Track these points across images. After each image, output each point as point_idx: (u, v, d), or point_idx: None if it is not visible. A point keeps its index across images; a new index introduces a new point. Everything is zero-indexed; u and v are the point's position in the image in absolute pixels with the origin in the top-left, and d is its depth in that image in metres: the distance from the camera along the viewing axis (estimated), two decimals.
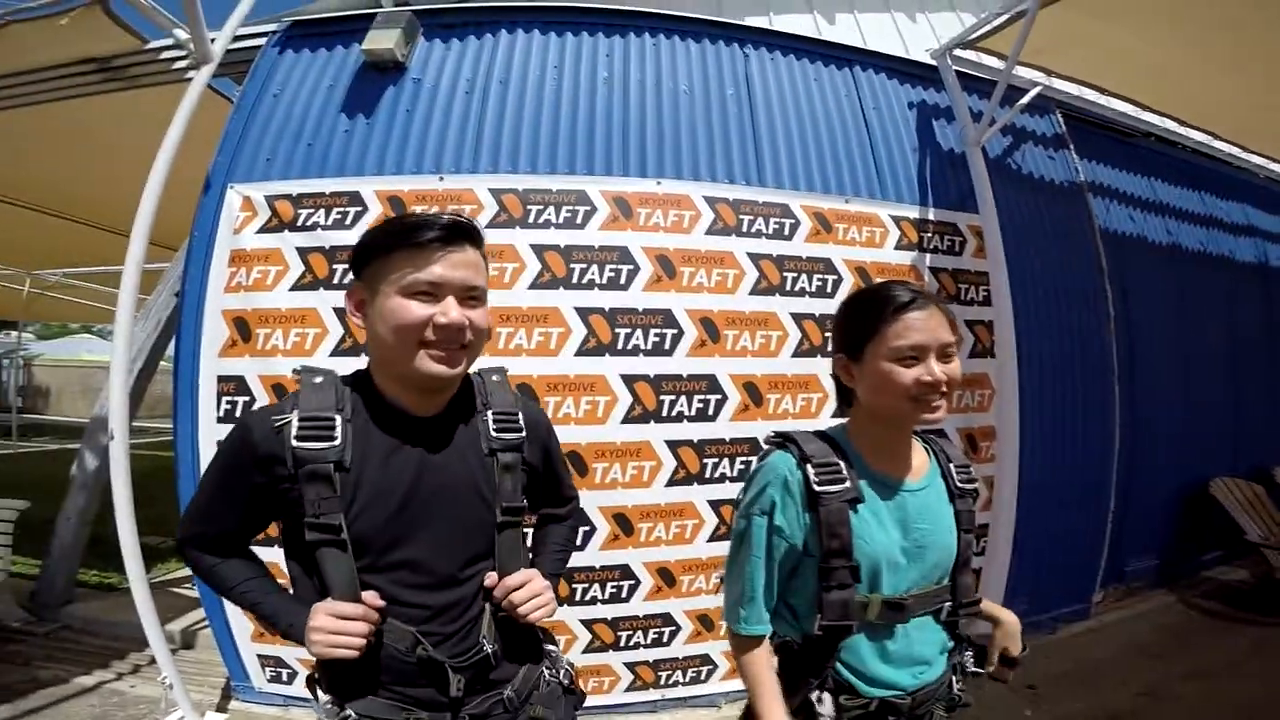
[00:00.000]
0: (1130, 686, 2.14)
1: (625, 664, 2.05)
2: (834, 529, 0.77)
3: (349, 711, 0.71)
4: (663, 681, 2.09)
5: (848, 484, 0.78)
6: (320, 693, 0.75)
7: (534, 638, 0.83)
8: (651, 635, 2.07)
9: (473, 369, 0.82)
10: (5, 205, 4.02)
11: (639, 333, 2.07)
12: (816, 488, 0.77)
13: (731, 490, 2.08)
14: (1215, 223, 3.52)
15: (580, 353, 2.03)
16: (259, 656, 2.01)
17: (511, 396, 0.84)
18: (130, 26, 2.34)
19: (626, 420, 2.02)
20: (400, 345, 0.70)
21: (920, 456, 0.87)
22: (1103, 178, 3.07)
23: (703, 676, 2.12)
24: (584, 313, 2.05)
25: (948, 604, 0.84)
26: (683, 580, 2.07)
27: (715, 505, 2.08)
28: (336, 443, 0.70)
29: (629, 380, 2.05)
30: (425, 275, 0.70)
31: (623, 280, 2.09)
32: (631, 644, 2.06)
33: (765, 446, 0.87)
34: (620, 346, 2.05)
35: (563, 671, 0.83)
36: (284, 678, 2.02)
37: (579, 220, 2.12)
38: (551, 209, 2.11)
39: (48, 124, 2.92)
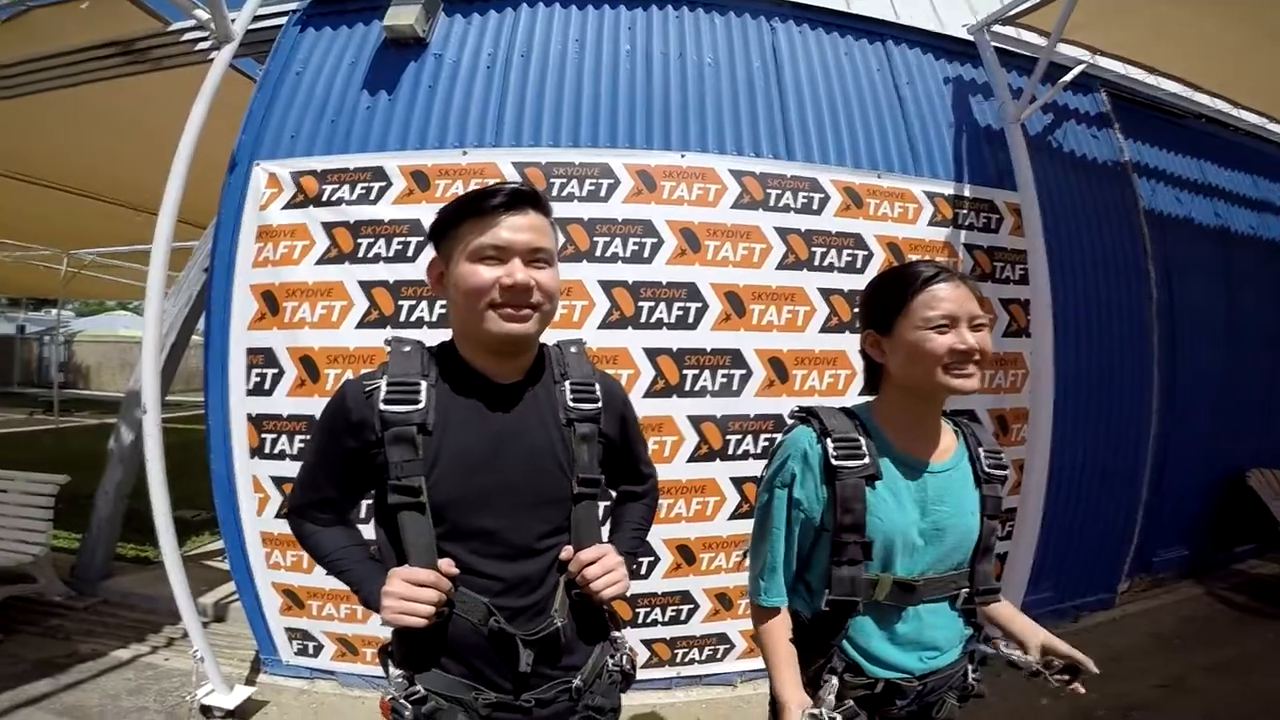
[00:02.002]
0: (1149, 678, 2.10)
1: (642, 640, 2.05)
2: (848, 504, 0.77)
3: (418, 687, 0.71)
4: (679, 659, 2.09)
5: (866, 460, 0.78)
6: (391, 666, 0.75)
7: (602, 619, 0.83)
8: (670, 612, 2.07)
9: (550, 340, 0.83)
10: (42, 188, 4.15)
11: (662, 306, 2.04)
12: (834, 462, 0.78)
13: (755, 467, 2.06)
14: (1268, 207, 3.35)
15: (603, 325, 2.01)
16: (287, 630, 2.06)
17: (589, 367, 0.84)
18: (150, 8, 2.37)
19: (649, 394, 2.00)
20: (471, 308, 0.72)
21: (948, 438, 0.85)
22: (1149, 158, 2.94)
23: (719, 655, 2.11)
24: (607, 285, 2.03)
25: (964, 590, 0.82)
26: (702, 558, 2.06)
27: (738, 482, 2.06)
28: (420, 405, 0.72)
29: (652, 354, 2.02)
30: (489, 239, 0.71)
31: (646, 253, 2.06)
32: (649, 621, 2.06)
33: (790, 421, 0.88)
34: (643, 320, 2.03)
35: (625, 658, 0.83)
36: (310, 650, 2.07)
37: (602, 193, 2.09)
38: (575, 182, 2.09)
39: (78, 108, 2.99)
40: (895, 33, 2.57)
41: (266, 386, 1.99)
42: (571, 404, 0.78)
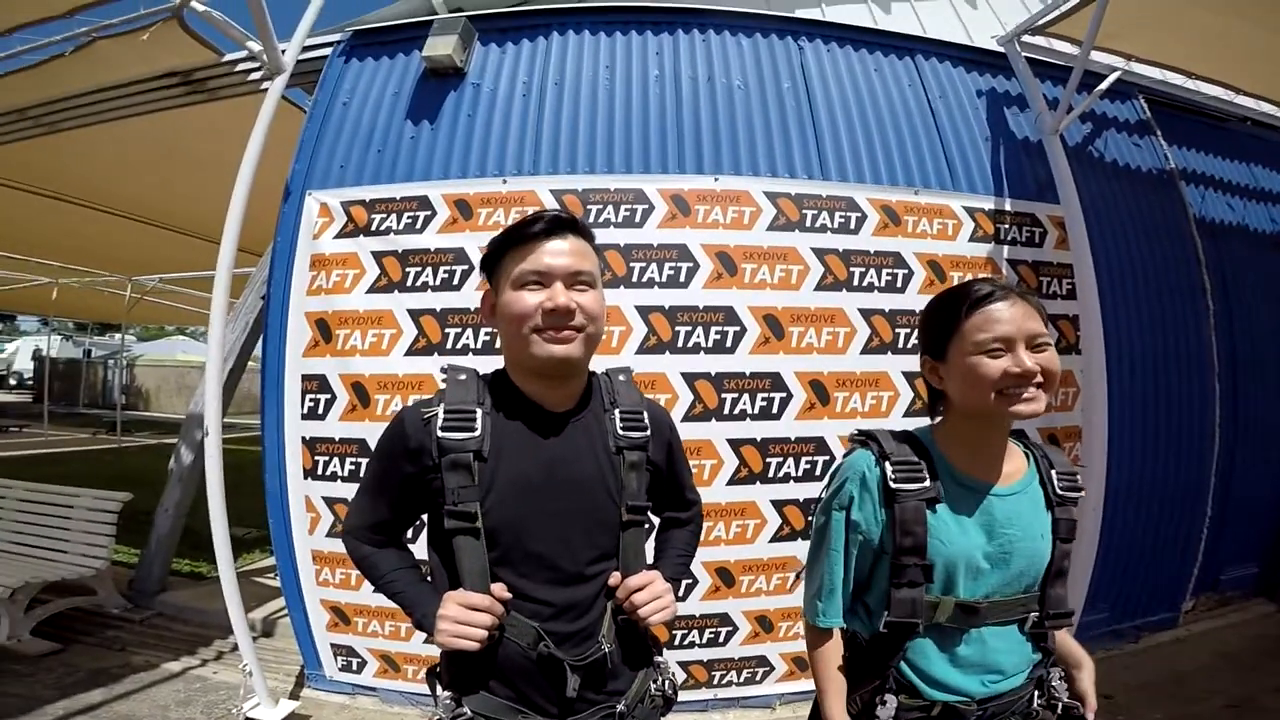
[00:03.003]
0: (1217, 698, 2.01)
1: (678, 662, 2.05)
2: (908, 526, 0.76)
3: (465, 709, 0.72)
4: (715, 681, 2.07)
5: (926, 483, 0.77)
6: (439, 688, 0.77)
7: (646, 644, 0.84)
8: (707, 635, 2.06)
9: (598, 369, 0.85)
10: (108, 215, 4.39)
11: (699, 330, 2.05)
12: (893, 484, 0.77)
13: (796, 490, 2.04)
14: None
15: (640, 351, 2.03)
16: (332, 645, 2.11)
17: (637, 395, 0.86)
18: (206, 40, 2.49)
19: (687, 419, 2.01)
20: (516, 334, 0.74)
21: (1017, 461, 0.83)
22: (1196, 164, 2.86)
23: (758, 678, 2.09)
24: (644, 311, 2.05)
25: (1034, 614, 0.80)
26: (742, 580, 2.05)
27: (778, 505, 2.04)
28: (476, 433, 0.74)
29: (690, 378, 2.03)
30: (530, 265, 0.74)
31: (682, 278, 2.08)
32: (686, 643, 2.05)
33: (849, 445, 0.87)
34: (681, 344, 2.04)
35: (667, 683, 0.84)
36: (354, 667, 2.11)
37: (637, 219, 2.12)
38: (610, 208, 2.12)
39: (141, 138, 3.16)
40: (924, 47, 2.56)
41: (320, 411, 2.06)
42: (621, 432, 0.80)
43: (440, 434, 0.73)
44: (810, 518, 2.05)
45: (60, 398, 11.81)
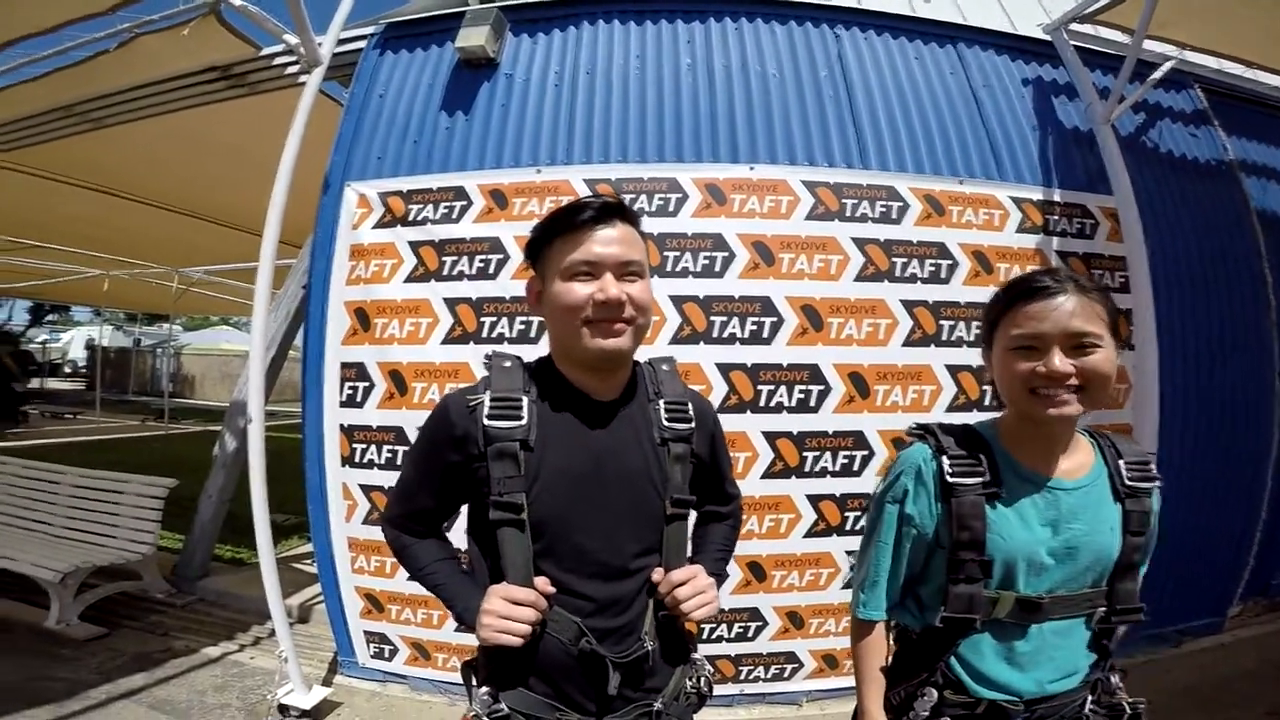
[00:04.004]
0: (1258, 706, 1.94)
1: (705, 657, 2.03)
2: (965, 521, 0.74)
3: (502, 705, 0.71)
4: (743, 677, 2.05)
5: (985, 477, 0.75)
6: (475, 681, 0.76)
7: (684, 641, 0.82)
8: (736, 629, 2.04)
9: (641, 359, 0.83)
10: (154, 208, 4.53)
11: (735, 321, 2.02)
12: (950, 479, 0.75)
13: (833, 485, 2.01)
14: None
15: (674, 341, 2.01)
16: (366, 633, 2.14)
17: (681, 386, 0.84)
18: (244, 34, 2.54)
19: (721, 410, 1.95)
20: (567, 326, 0.72)
21: (1083, 453, 0.79)
22: (1256, 155, 2.73)
23: (786, 674, 2.06)
24: (678, 301, 2.03)
25: (1101, 609, 0.77)
26: (774, 575, 2.02)
27: (814, 500, 2.01)
28: (523, 422, 0.72)
29: (724, 369, 2.01)
30: (580, 255, 0.71)
31: (717, 268, 2.05)
32: (714, 637, 2.03)
33: (907, 439, 0.86)
34: (715, 335, 2.02)
35: (703, 679, 0.82)
36: (385, 654, 2.14)
37: (671, 208, 2.10)
38: (644, 197, 2.11)
39: (183, 133, 3.23)
40: (966, 35, 2.48)
41: (358, 399, 2.09)
42: (666, 423, 0.78)
43: (486, 422, 0.71)
44: (847, 513, 2.01)
45: (111, 385, 12.17)
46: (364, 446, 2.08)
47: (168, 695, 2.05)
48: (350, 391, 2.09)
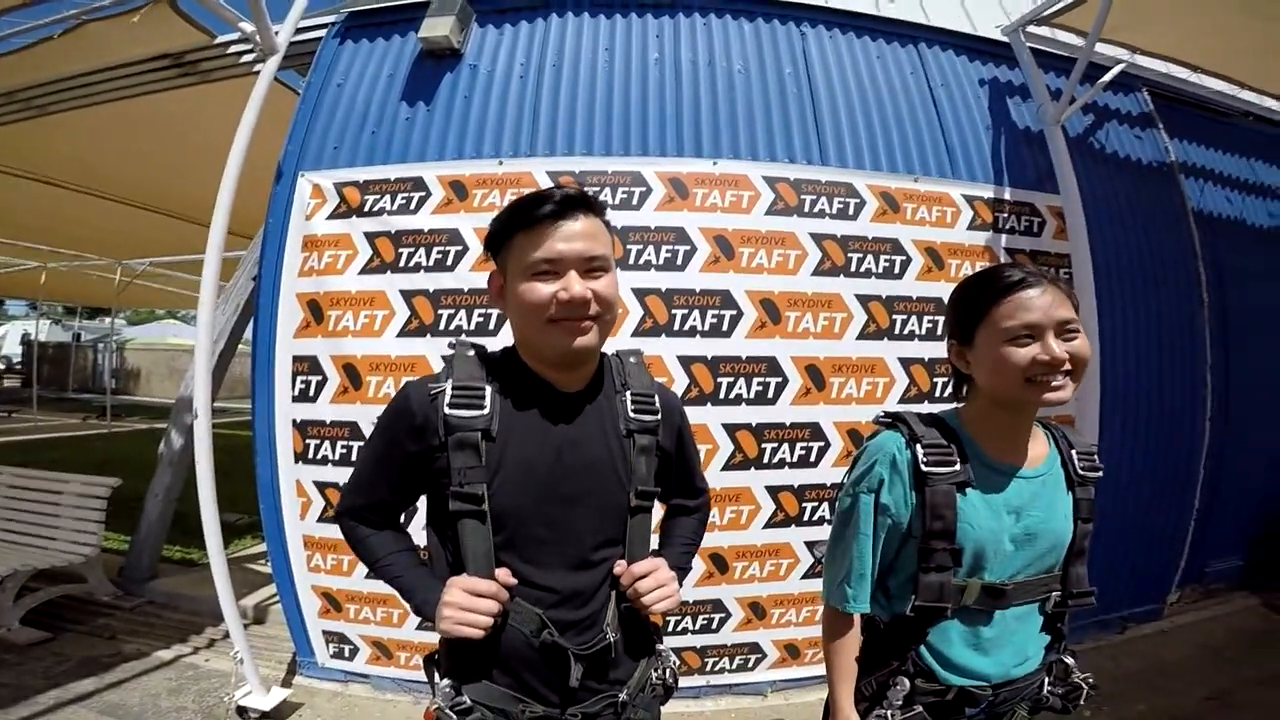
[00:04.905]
0: (1198, 690, 2.04)
1: (672, 649, 2.04)
2: (938, 510, 0.75)
3: (465, 698, 0.70)
4: (709, 668, 2.07)
5: (957, 466, 0.77)
6: (438, 676, 0.75)
7: (649, 633, 0.82)
8: (700, 621, 2.06)
9: (609, 350, 0.82)
10: (97, 198, 4.33)
11: (696, 314, 2.04)
12: (924, 468, 0.76)
13: (790, 476, 2.04)
14: None
15: (636, 334, 2.01)
16: (324, 632, 2.10)
17: (649, 379, 0.83)
18: (198, 22, 2.45)
19: (682, 402, 1.99)
20: (531, 325, 0.71)
21: (1040, 444, 0.83)
22: (1196, 158, 2.86)
23: (750, 665, 2.09)
24: (640, 294, 2.03)
25: (1055, 594, 0.81)
26: (736, 567, 2.05)
27: (773, 491, 2.04)
28: (485, 411, 0.71)
29: (685, 361, 2.02)
30: (542, 253, 0.70)
31: (679, 261, 2.06)
32: (679, 629, 2.04)
33: (875, 426, 0.86)
34: (677, 327, 2.03)
35: (668, 671, 0.82)
36: (346, 654, 2.10)
37: (634, 201, 2.10)
38: (607, 190, 2.10)
39: (131, 121, 3.11)
40: (927, 35, 2.54)
41: (311, 393, 2.04)
42: (632, 415, 0.77)
43: (447, 411, 0.70)
44: (805, 504, 2.04)
45: (49, 382, 11.66)
46: (317, 442, 2.03)
47: (119, 699, 1.98)
48: (303, 386, 2.04)
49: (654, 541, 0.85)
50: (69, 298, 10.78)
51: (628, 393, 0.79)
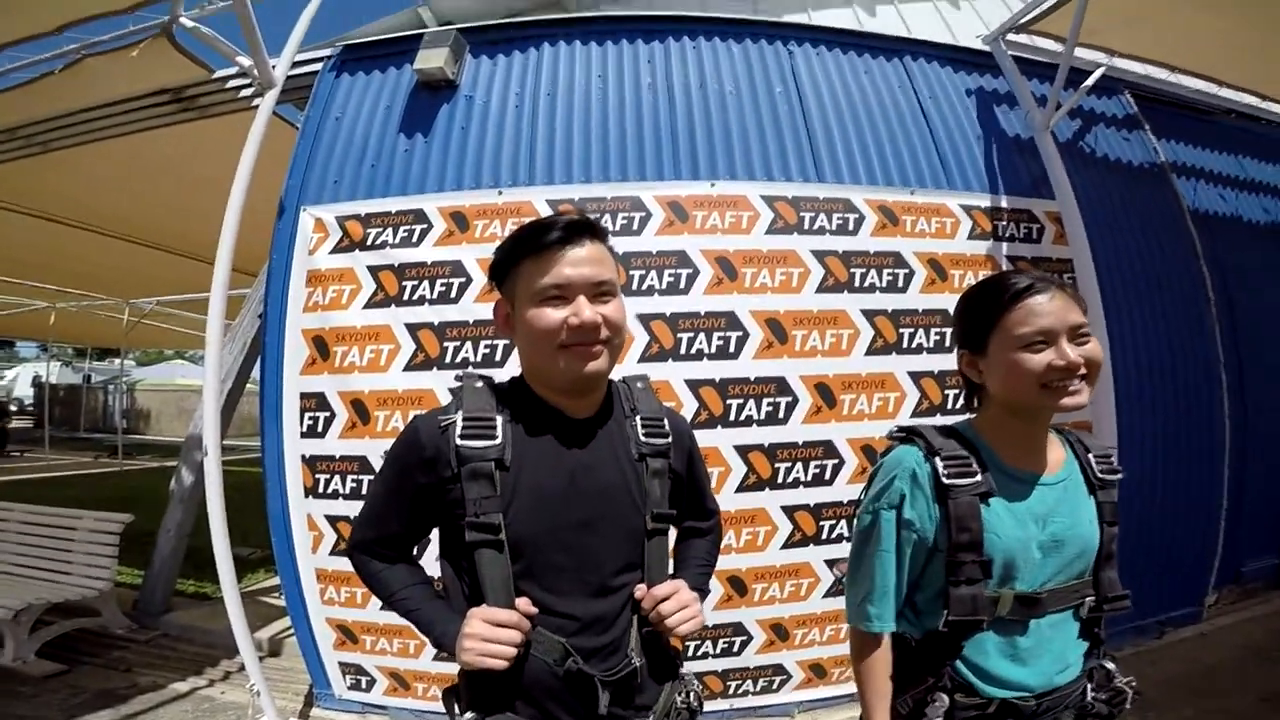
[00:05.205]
0: (1248, 693, 1.99)
1: (693, 674, 2.02)
2: (964, 522, 0.74)
3: None
4: (731, 691, 2.04)
5: (979, 477, 0.76)
6: (458, 709, 0.73)
7: (670, 656, 0.81)
8: (721, 645, 2.03)
9: (616, 376, 0.82)
10: (102, 236, 4.36)
11: (702, 336, 2.04)
12: (946, 480, 0.75)
13: (805, 495, 2.03)
14: None
15: (643, 359, 2.02)
16: (340, 664, 2.08)
17: (657, 403, 0.83)
18: (196, 57, 2.48)
19: (692, 426, 1.98)
20: (541, 352, 0.72)
21: (1056, 449, 0.82)
22: (1186, 157, 2.88)
23: (775, 686, 2.06)
24: (645, 319, 2.04)
25: (1089, 599, 0.80)
26: (755, 589, 2.02)
27: (789, 511, 2.02)
28: (497, 441, 0.71)
29: (694, 385, 2.02)
30: (551, 279, 0.70)
31: (682, 284, 2.07)
32: (700, 653, 2.02)
33: (890, 441, 0.85)
34: (683, 351, 2.03)
35: (693, 694, 0.81)
36: (363, 685, 2.08)
37: (635, 227, 2.12)
38: (608, 216, 2.11)
39: (132, 157, 3.14)
40: (911, 48, 2.58)
41: (319, 429, 2.04)
42: (644, 439, 0.77)
43: (459, 442, 0.70)
44: (822, 522, 2.03)
45: (61, 423, 11.76)
46: (327, 477, 2.03)
47: None
48: (311, 422, 2.04)
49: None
50: (78, 339, 10.91)
51: (637, 417, 0.79)
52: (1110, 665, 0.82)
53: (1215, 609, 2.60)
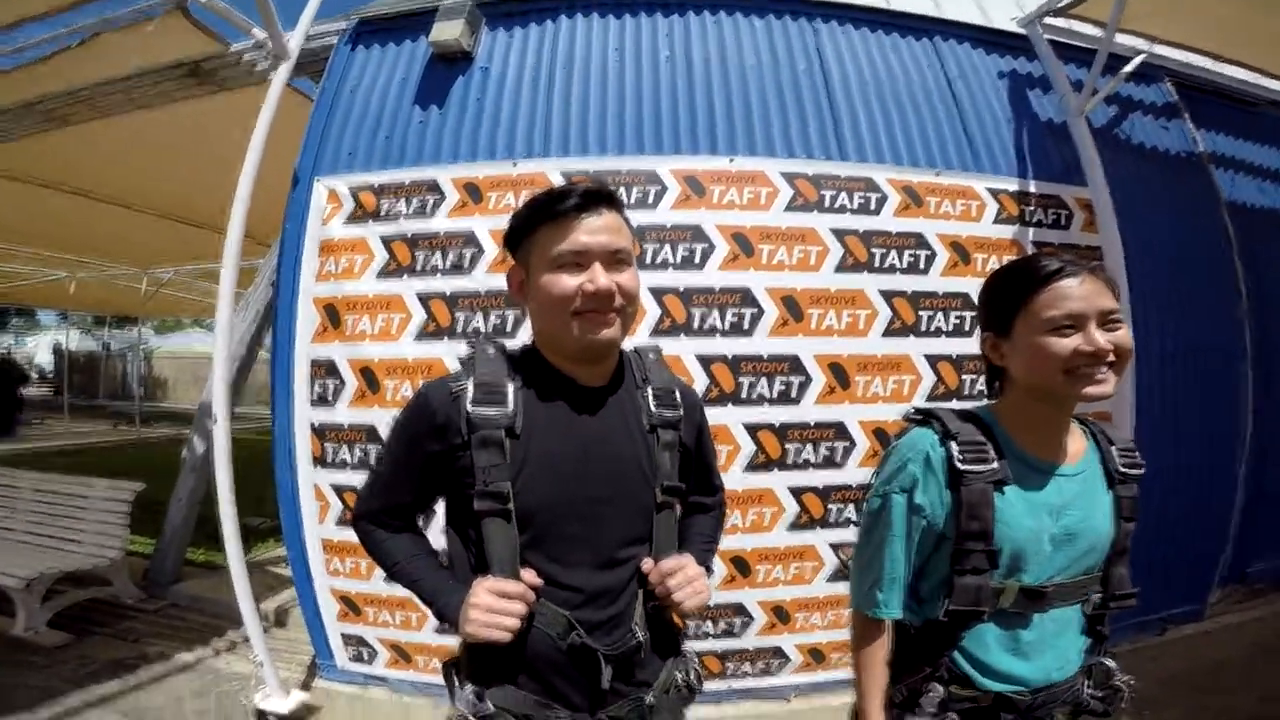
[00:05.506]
0: (1251, 692, 1.96)
1: (694, 653, 2.01)
2: (975, 510, 0.72)
3: (488, 704, 0.68)
4: (729, 673, 2.03)
5: (994, 464, 0.73)
6: (458, 682, 0.73)
7: (674, 631, 0.81)
8: (722, 625, 2.02)
9: (628, 346, 0.82)
10: (121, 208, 4.41)
11: (715, 312, 2.00)
12: (960, 466, 0.73)
13: (815, 477, 2.00)
14: None
15: (655, 334, 1.99)
16: (343, 636, 2.09)
17: (669, 374, 0.83)
18: (211, 30, 2.48)
19: (703, 403, 1.96)
20: (556, 317, 0.71)
21: (1078, 440, 0.79)
22: (1225, 148, 2.78)
23: (773, 669, 2.05)
24: (658, 293, 2.01)
25: (1097, 595, 0.78)
26: (759, 570, 2.00)
27: (796, 493, 1.99)
28: (509, 409, 0.70)
29: (705, 361, 1.99)
30: (568, 245, 0.70)
31: (697, 259, 2.03)
32: (701, 633, 2.01)
33: (906, 424, 0.83)
34: (696, 326, 2.00)
35: (693, 672, 0.81)
36: (365, 657, 2.09)
37: (650, 200, 2.08)
38: (622, 189, 2.07)
39: (150, 130, 3.15)
40: (941, 28, 2.50)
41: (329, 398, 2.04)
42: (655, 410, 0.77)
43: (470, 409, 0.69)
44: (830, 505, 2.00)
45: (80, 391, 11.90)
46: (335, 446, 2.03)
47: (143, 702, 2.01)
48: (320, 390, 2.04)
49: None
50: (97, 307, 11.02)
51: (649, 388, 0.78)
52: (1110, 663, 0.80)
53: (1219, 607, 2.55)
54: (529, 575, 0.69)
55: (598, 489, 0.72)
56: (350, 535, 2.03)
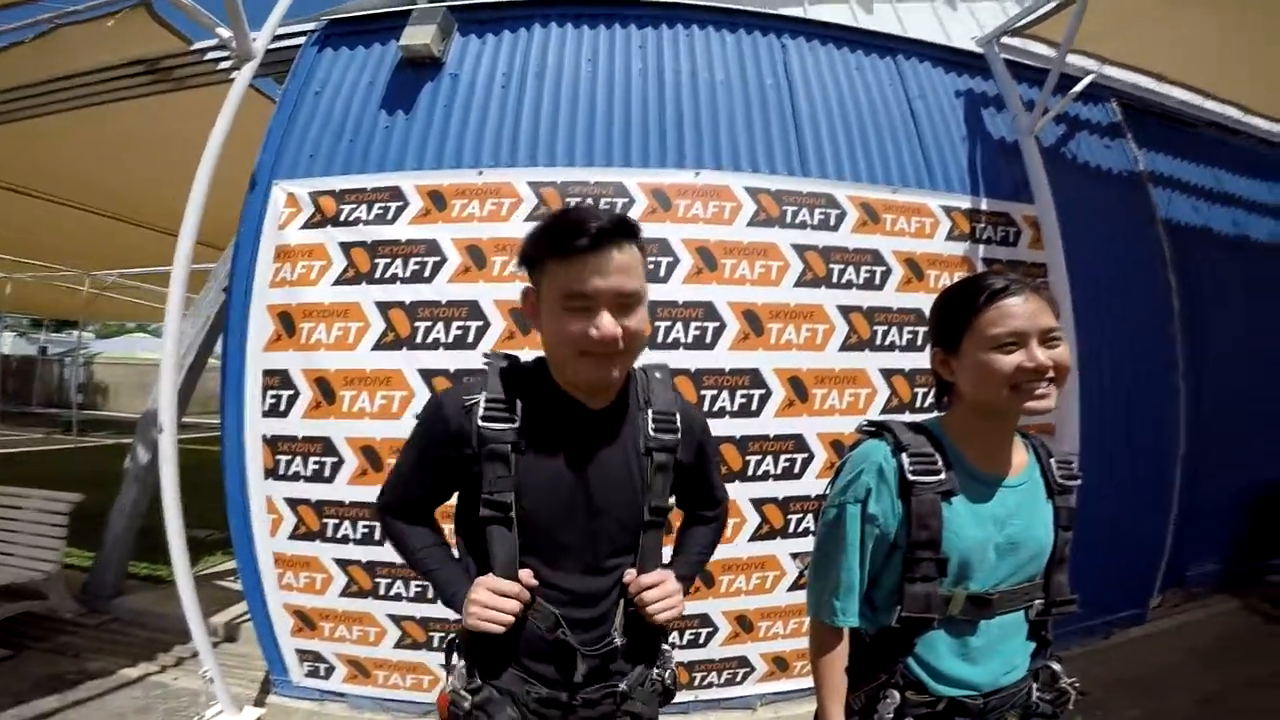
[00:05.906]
0: (1191, 693, 2.06)
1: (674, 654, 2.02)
2: (924, 520, 0.75)
3: (478, 680, 0.77)
4: (696, 683, 2.04)
5: (943, 475, 0.76)
6: (456, 657, 0.82)
7: (655, 637, 0.86)
8: (688, 636, 2.03)
9: (636, 364, 0.84)
10: (66, 207, 4.21)
11: (679, 326, 2.02)
12: (910, 477, 0.76)
13: (775, 488, 2.03)
14: None
15: None
16: (298, 651, 2.03)
17: (672, 395, 0.85)
18: (174, 28, 2.41)
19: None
20: (560, 353, 0.75)
21: (1020, 453, 0.83)
22: (1164, 167, 2.94)
23: (739, 679, 2.07)
24: None
25: (1039, 601, 0.81)
26: (722, 580, 2.02)
27: (758, 504, 2.02)
28: (516, 425, 0.76)
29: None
30: (577, 287, 0.71)
31: (662, 273, 2.05)
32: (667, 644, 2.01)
33: (859, 435, 0.85)
34: (661, 340, 2.01)
35: (669, 672, 0.87)
36: (321, 672, 2.04)
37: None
38: (589, 201, 2.08)
39: (102, 128, 3.03)
40: (905, 47, 2.58)
41: (281, 408, 1.98)
42: (652, 434, 0.80)
43: (480, 423, 0.75)
44: (790, 516, 2.03)
45: (14, 396, 11.27)
46: (288, 458, 1.97)
47: (83, 718, 1.93)
48: (273, 400, 1.98)
49: (667, 550, 0.88)
50: (35, 309, 10.51)
51: (650, 410, 0.81)
52: (1056, 666, 0.84)
53: (1159, 611, 2.68)
54: (526, 576, 0.75)
55: (593, 505, 0.77)
56: (303, 549, 2.00)
